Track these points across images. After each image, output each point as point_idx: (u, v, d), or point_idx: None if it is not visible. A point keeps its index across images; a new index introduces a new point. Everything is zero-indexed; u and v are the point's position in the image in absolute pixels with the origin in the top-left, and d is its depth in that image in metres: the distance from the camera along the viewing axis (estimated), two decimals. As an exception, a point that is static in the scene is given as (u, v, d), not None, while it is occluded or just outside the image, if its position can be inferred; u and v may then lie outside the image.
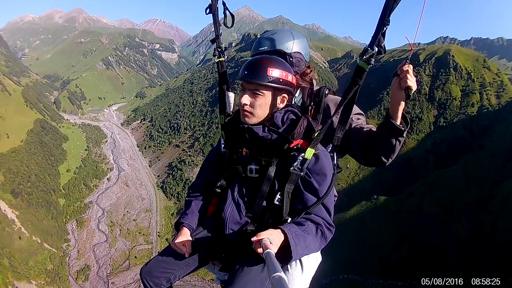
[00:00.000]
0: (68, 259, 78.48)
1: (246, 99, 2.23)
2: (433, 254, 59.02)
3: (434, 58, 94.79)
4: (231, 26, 2.86)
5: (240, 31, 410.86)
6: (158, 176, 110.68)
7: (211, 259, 2.53)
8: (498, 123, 73.90)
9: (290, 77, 2.27)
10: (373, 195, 72.19)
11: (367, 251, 64.70)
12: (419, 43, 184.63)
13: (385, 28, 1.94)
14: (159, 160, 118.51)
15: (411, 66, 2.09)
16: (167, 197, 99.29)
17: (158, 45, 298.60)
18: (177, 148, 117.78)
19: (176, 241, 2.27)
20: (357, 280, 60.99)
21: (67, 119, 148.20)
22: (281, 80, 2.20)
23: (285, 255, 1.87)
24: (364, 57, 2.08)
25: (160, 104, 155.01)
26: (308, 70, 2.73)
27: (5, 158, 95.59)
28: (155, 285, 2.27)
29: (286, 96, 2.32)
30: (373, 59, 2.05)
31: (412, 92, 2.09)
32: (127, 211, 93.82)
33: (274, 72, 2.18)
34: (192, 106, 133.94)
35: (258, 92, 2.22)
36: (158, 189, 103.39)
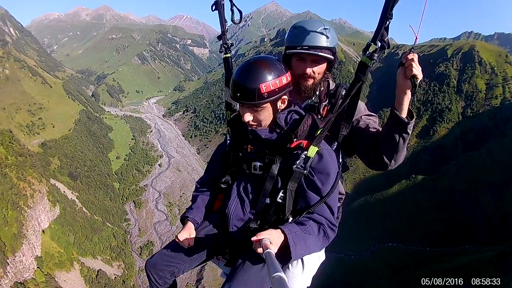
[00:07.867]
0: (130, 237, 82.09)
1: (248, 116, 2.15)
2: (464, 225, 66.91)
3: (461, 53, 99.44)
4: (239, 22, 2.79)
5: (268, 26, 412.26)
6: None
7: (215, 254, 2.54)
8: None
9: (284, 79, 2.12)
10: (411, 175, 78.95)
11: (408, 222, 72.15)
12: (445, 38, 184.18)
13: (388, 22, 1.92)
14: (207, 147, 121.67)
15: (416, 55, 2.02)
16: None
17: (190, 40, 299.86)
18: (224, 136, 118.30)
19: (179, 235, 2.25)
20: (400, 247, 68.17)
21: (108, 111, 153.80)
22: (277, 89, 2.07)
23: (285, 255, 1.86)
24: (367, 52, 2.09)
25: (201, 97, 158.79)
26: None
27: (58, 144, 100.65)
28: (159, 278, 2.32)
29: (286, 97, 2.22)
30: (376, 55, 2.06)
31: (418, 81, 2.02)
32: (183, 193, 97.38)
33: (269, 86, 2.03)
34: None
35: (258, 108, 2.13)
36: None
